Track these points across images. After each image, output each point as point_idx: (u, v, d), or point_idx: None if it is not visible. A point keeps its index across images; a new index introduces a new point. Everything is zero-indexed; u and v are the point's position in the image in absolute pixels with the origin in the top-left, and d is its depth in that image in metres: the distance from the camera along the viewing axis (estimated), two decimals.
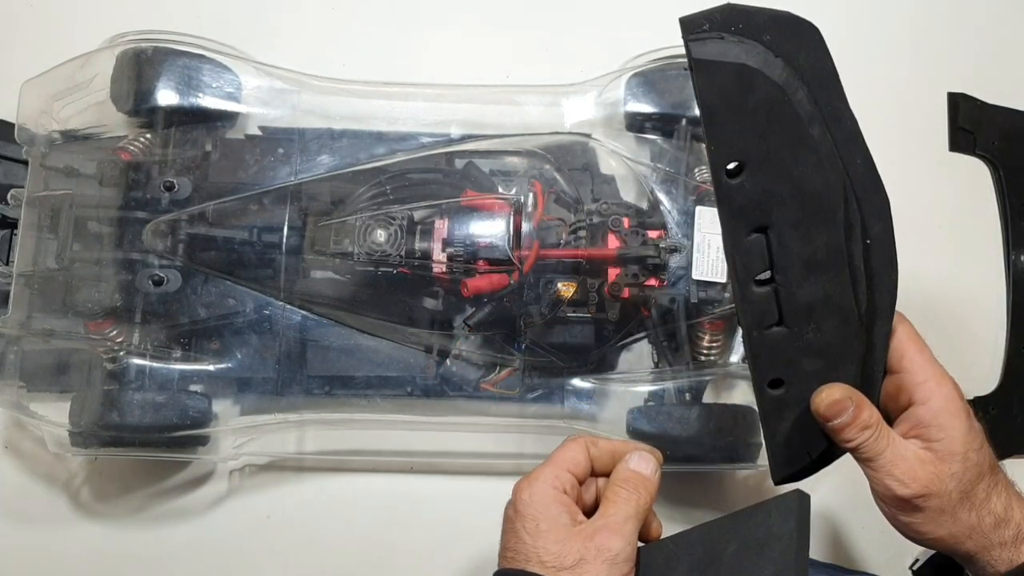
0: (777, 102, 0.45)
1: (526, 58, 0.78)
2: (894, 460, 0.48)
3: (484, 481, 0.68)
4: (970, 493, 0.48)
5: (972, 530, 0.48)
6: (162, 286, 0.62)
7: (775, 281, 0.48)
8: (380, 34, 0.79)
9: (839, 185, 0.46)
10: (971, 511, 0.48)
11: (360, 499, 0.67)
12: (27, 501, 0.66)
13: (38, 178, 0.65)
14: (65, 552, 0.66)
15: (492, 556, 0.65)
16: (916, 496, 0.47)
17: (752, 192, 0.47)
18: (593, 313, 0.63)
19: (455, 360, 0.65)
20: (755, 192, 0.47)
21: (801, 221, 0.47)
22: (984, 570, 0.49)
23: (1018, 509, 0.49)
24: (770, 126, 0.45)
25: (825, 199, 0.47)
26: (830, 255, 0.47)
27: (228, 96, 0.67)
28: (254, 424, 0.64)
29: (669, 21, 0.76)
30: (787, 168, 0.46)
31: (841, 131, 0.46)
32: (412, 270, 0.62)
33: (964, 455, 0.48)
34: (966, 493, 0.48)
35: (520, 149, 0.68)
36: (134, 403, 0.61)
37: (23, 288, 0.63)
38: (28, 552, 0.66)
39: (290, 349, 0.64)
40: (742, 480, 0.69)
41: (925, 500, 0.47)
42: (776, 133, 0.46)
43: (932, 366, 0.49)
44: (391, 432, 0.67)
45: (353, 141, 0.67)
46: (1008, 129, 0.76)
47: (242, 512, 0.67)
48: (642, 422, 0.63)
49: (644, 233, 0.64)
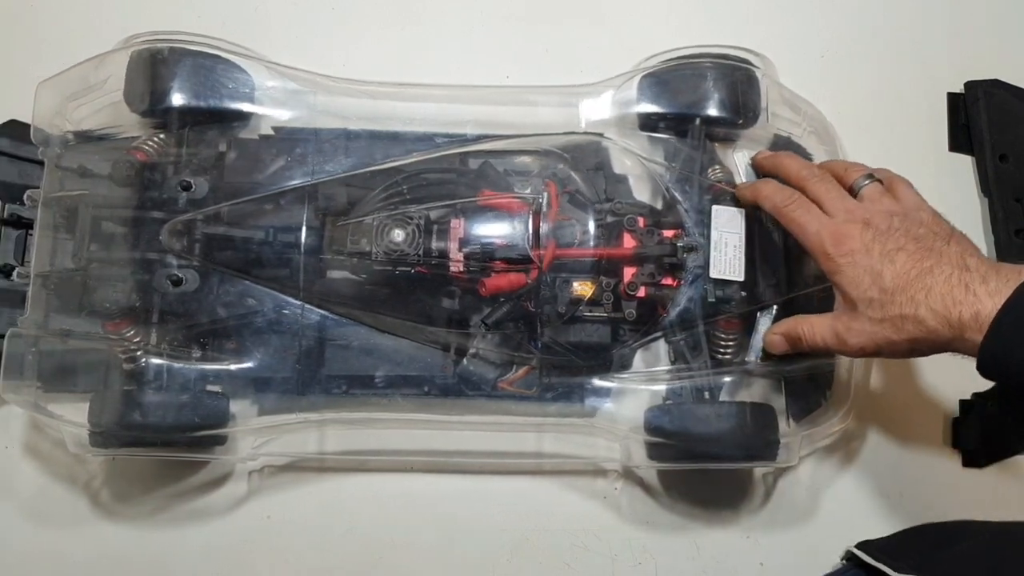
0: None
1: (534, 58, 0.78)
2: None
3: (502, 481, 0.68)
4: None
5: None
6: (180, 286, 0.62)
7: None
8: (379, 35, 0.79)
9: None
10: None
11: (378, 499, 0.67)
12: (47, 502, 0.66)
13: (53, 179, 0.65)
14: (87, 553, 0.65)
15: (509, 554, 0.66)
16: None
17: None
18: (609, 312, 0.64)
19: (472, 359, 0.65)
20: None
21: None
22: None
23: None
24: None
25: None
26: None
27: (242, 96, 0.67)
28: (272, 424, 0.64)
29: (681, 21, 0.79)
30: None
31: None
32: (430, 269, 0.62)
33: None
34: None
35: (534, 149, 0.68)
36: (153, 403, 0.61)
37: (40, 288, 0.63)
38: (50, 553, 0.65)
39: (308, 348, 0.64)
40: (760, 478, 0.70)
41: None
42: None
43: None
44: (409, 431, 0.67)
45: (369, 141, 0.67)
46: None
47: (260, 512, 0.67)
48: (661, 420, 0.63)
49: (660, 232, 0.64)
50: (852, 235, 0.57)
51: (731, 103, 0.67)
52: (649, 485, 0.69)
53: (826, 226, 0.58)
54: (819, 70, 0.79)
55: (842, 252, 0.57)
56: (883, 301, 0.55)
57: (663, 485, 0.69)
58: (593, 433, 0.66)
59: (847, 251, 0.57)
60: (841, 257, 0.57)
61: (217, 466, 0.67)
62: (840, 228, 0.58)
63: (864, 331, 0.56)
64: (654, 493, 0.69)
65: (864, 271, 0.56)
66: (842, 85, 0.78)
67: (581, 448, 0.67)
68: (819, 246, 0.58)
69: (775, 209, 0.61)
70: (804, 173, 0.62)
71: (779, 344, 0.62)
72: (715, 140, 0.69)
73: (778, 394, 0.65)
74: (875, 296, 0.55)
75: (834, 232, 0.58)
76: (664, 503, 0.69)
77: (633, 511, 0.68)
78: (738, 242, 0.64)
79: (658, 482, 0.69)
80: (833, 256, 0.57)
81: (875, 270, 0.56)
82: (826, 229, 0.58)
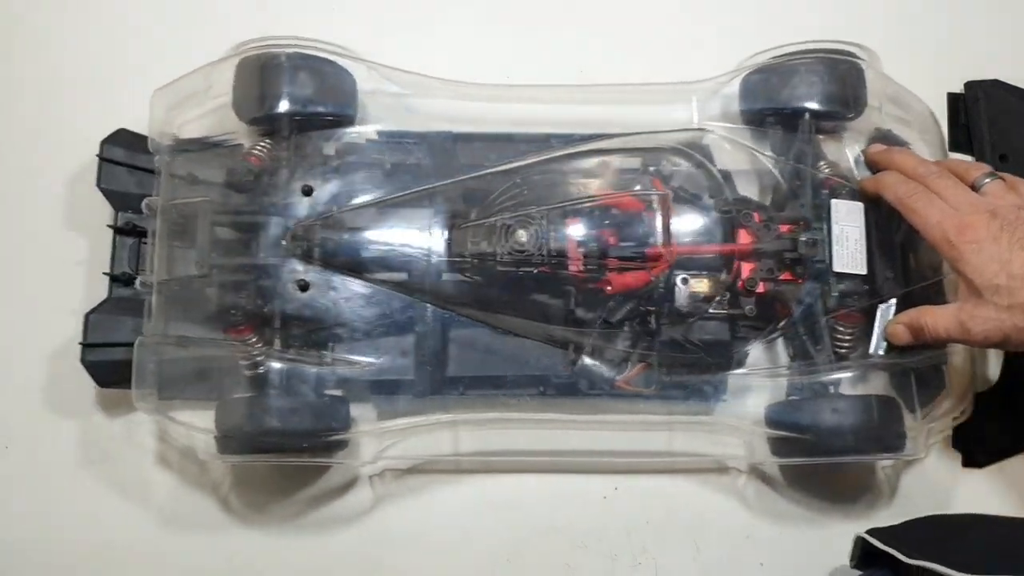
0: None
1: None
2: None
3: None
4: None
5: None
6: (305, 291, 0.62)
7: None
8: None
9: None
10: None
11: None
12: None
13: (168, 186, 0.65)
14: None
15: (509, 553, 0.66)
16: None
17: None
18: (727, 309, 0.64)
19: (591, 358, 0.65)
20: None
21: None
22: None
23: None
24: None
25: None
26: None
27: (351, 100, 0.67)
28: (396, 427, 0.64)
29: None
30: None
31: None
32: (551, 269, 0.62)
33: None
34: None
35: (642, 146, 0.68)
36: (278, 408, 0.61)
37: (160, 296, 0.63)
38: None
39: (431, 350, 0.64)
40: (759, 478, 0.69)
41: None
42: None
43: None
44: (530, 431, 0.67)
45: (483, 144, 0.67)
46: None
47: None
48: (784, 416, 0.63)
49: (777, 227, 0.64)
50: (977, 225, 0.57)
51: (840, 97, 0.67)
52: (647, 486, 0.68)
53: (949, 217, 0.58)
54: None
55: (966, 240, 0.57)
56: (1012, 288, 0.55)
57: (662, 485, 0.68)
58: (714, 431, 0.66)
59: (972, 239, 0.57)
60: (964, 244, 0.57)
61: (338, 472, 0.67)
62: (964, 219, 0.58)
63: (990, 319, 0.56)
64: (653, 493, 0.68)
65: (991, 258, 0.56)
66: None
67: (705, 446, 0.67)
68: (941, 235, 0.58)
69: (897, 200, 0.61)
70: (922, 170, 0.62)
71: (902, 335, 0.62)
72: (824, 133, 0.69)
73: (900, 386, 0.65)
74: (1003, 283, 0.55)
75: (958, 223, 0.58)
76: (663, 503, 0.68)
77: (633, 511, 0.68)
78: (859, 235, 0.64)
79: (656, 483, 0.68)
80: (956, 244, 0.57)
81: (1003, 258, 0.56)
82: (949, 220, 0.58)
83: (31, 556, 0.66)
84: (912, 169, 0.62)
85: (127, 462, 0.67)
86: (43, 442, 0.67)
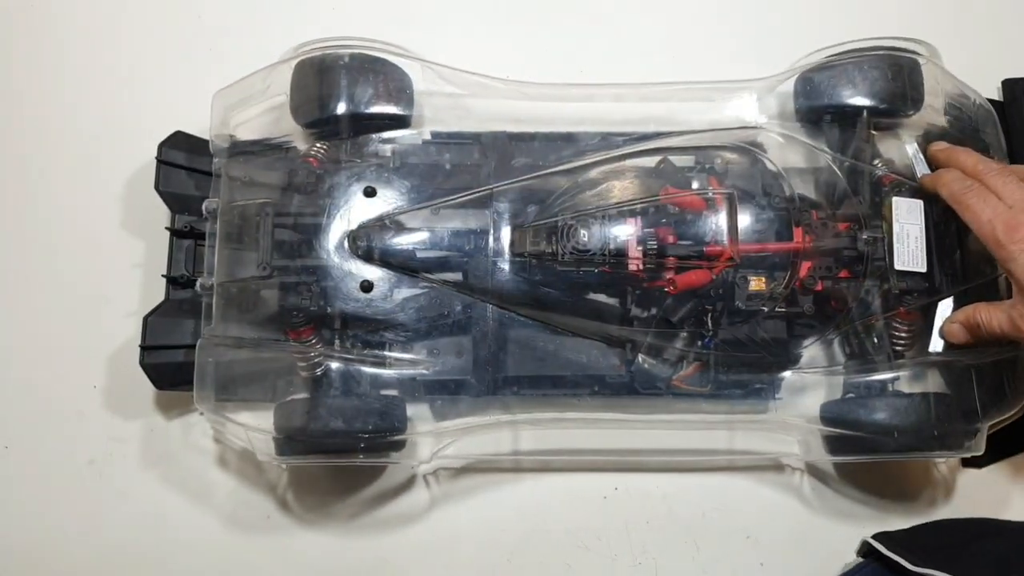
0: None
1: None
2: None
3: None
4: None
5: None
6: (368, 291, 0.62)
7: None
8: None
9: None
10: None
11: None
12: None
13: (228, 189, 0.65)
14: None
15: (509, 553, 0.66)
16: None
17: None
18: (785, 307, 0.64)
19: (647, 357, 0.65)
20: None
21: None
22: None
23: None
24: None
25: None
26: None
27: (408, 100, 0.68)
28: (453, 427, 0.64)
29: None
30: None
31: None
32: (612, 268, 0.62)
33: None
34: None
35: (700, 144, 0.68)
36: (338, 409, 0.61)
37: (220, 298, 0.63)
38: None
39: (489, 350, 0.64)
40: (757, 479, 0.69)
41: None
42: None
43: None
44: (586, 431, 0.67)
45: (543, 143, 0.67)
46: None
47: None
48: (841, 414, 0.63)
49: (835, 225, 0.64)
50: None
51: (899, 94, 0.67)
52: (646, 486, 0.68)
53: (1000, 215, 0.58)
54: None
55: (1015, 239, 0.56)
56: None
57: (662, 485, 0.69)
58: (770, 429, 0.66)
59: (1021, 238, 0.56)
60: (1014, 244, 0.56)
61: (394, 472, 0.67)
62: (1016, 217, 0.57)
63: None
64: (653, 494, 0.68)
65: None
66: None
67: (763, 443, 0.67)
68: (991, 234, 0.58)
69: (952, 196, 0.61)
70: (981, 167, 0.61)
71: (958, 332, 0.62)
72: (880, 130, 0.68)
73: (961, 384, 0.64)
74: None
75: (1008, 221, 0.57)
76: (663, 503, 0.68)
77: (633, 511, 0.68)
78: (919, 233, 0.63)
79: (656, 483, 0.68)
80: (1005, 244, 0.57)
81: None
82: (1000, 218, 0.58)
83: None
84: (972, 167, 0.62)
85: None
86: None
